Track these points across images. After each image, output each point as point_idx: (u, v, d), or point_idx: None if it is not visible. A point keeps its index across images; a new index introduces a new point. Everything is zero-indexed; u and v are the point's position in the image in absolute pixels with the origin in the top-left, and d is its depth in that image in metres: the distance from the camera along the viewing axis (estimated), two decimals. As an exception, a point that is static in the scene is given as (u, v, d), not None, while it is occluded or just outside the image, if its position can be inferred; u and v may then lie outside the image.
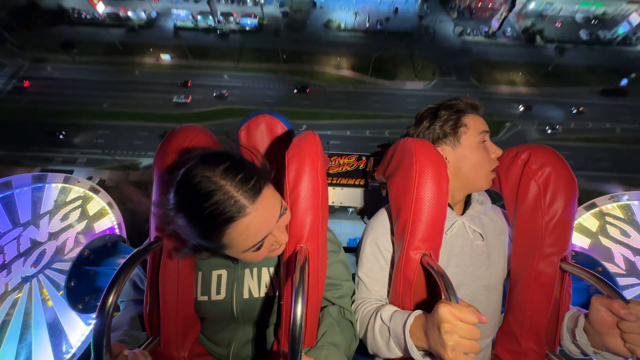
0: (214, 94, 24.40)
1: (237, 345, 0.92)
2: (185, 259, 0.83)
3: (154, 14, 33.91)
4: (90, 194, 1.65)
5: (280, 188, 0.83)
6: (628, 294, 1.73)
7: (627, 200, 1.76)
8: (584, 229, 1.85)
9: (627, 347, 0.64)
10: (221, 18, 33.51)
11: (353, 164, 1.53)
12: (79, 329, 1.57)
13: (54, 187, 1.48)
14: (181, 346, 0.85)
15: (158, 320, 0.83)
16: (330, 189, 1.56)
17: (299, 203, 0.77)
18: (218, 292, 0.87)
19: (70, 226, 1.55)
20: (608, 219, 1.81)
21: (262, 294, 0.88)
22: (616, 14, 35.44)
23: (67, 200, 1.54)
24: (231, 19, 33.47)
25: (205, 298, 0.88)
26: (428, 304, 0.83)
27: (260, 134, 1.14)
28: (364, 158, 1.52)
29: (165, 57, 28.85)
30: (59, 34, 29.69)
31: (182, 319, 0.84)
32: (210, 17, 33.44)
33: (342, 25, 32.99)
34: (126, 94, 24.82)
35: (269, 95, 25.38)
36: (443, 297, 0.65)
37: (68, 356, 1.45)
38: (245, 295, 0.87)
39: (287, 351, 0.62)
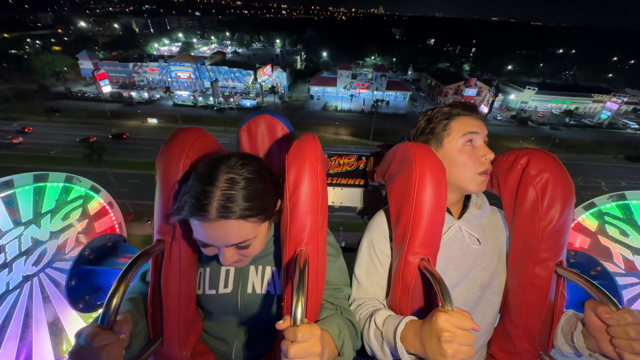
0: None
1: (238, 342, 0.93)
2: (187, 260, 0.85)
3: (157, 96, 36.71)
4: (92, 193, 1.65)
5: (280, 191, 0.84)
6: (627, 294, 1.73)
7: (626, 199, 1.76)
8: (583, 228, 1.85)
9: (617, 352, 0.65)
10: (222, 99, 36.26)
11: (353, 164, 1.53)
12: (79, 328, 1.57)
13: (55, 186, 1.48)
14: (184, 345, 0.86)
15: (161, 321, 0.84)
16: (330, 189, 1.56)
17: (298, 207, 0.77)
18: (226, 286, 0.90)
19: (71, 225, 1.55)
20: (607, 218, 1.81)
21: (264, 291, 0.91)
22: (587, 110, 41.63)
23: (68, 199, 1.54)
24: (231, 100, 36.29)
25: (213, 292, 0.90)
26: (425, 309, 0.84)
27: (260, 134, 1.14)
28: (364, 158, 1.53)
29: (153, 121, 29.37)
30: (51, 105, 30.82)
31: (184, 318, 0.85)
32: (211, 98, 36.14)
33: (339, 108, 37.59)
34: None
35: None
36: (440, 303, 0.65)
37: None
38: (249, 290, 0.90)
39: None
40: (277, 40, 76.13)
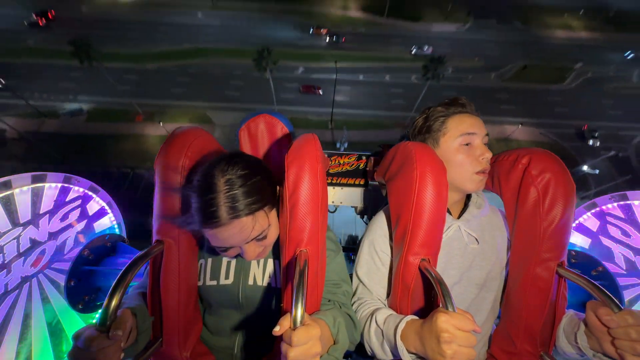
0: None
1: (241, 337, 0.93)
2: (186, 261, 0.84)
3: None
4: (90, 193, 1.65)
5: (280, 191, 0.84)
6: (628, 294, 1.73)
7: (628, 200, 1.75)
8: (585, 228, 1.85)
9: (618, 353, 0.65)
10: None
11: (353, 164, 1.52)
12: (79, 328, 1.57)
13: (53, 187, 1.47)
14: (183, 346, 0.86)
15: (160, 322, 0.84)
16: (330, 188, 1.56)
17: (298, 207, 0.77)
18: (227, 277, 0.90)
19: (70, 226, 1.55)
20: (608, 218, 1.81)
21: (265, 283, 0.91)
22: None
23: (66, 199, 1.54)
24: None
25: (214, 283, 0.91)
26: (426, 309, 0.84)
27: (260, 134, 1.14)
28: (364, 158, 1.52)
29: None
30: None
31: (183, 319, 0.85)
32: None
33: None
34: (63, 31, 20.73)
35: (255, 35, 21.31)
36: (440, 303, 0.65)
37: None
38: (250, 282, 0.90)
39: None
40: None
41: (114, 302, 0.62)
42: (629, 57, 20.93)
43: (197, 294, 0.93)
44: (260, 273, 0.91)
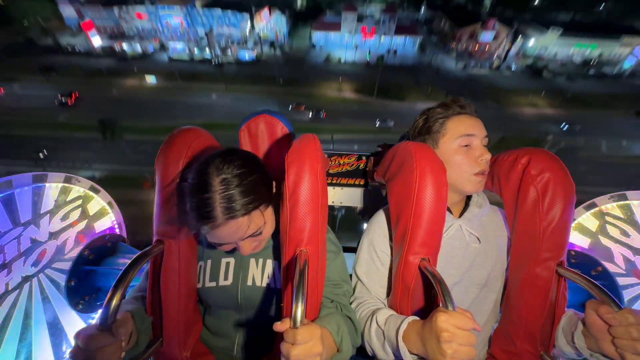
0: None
1: (241, 338, 0.93)
2: (186, 261, 0.84)
3: (150, 48, 34.27)
4: (91, 193, 1.65)
5: (280, 192, 0.84)
6: (628, 294, 1.73)
7: (627, 200, 1.76)
8: (584, 228, 1.85)
9: (618, 352, 0.65)
10: (219, 52, 33.70)
11: (353, 164, 1.53)
12: (79, 329, 1.57)
13: (54, 187, 1.47)
14: (183, 346, 0.86)
15: (160, 321, 0.84)
16: (330, 189, 1.56)
17: (298, 207, 0.77)
18: (226, 278, 0.90)
19: (70, 226, 1.55)
20: (608, 218, 1.81)
21: (264, 284, 0.91)
22: (612, 55, 36.06)
23: (67, 199, 1.54)
24: (229, 52, 33.90)
25: (213, 284, 0.91)
26: (426, 308, 0.84)
27: (260, 134, 1.14)
28: (364, 158, 1.52)
29: (150, 79, 28.22)
30: (44, 62, 29.46)
31: (184, 319, 0.85)
32: (207, 50, 33.55)
33: (343, 60, 33.72)
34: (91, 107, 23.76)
35: (252, 110, 25.37)
36: (440, 303, 0.65)
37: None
38: (249, 283, 0.90)
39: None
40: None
41: (114, 302, 0.62)
42: (564, 129, 24.16)
43: (197, 294, 0.94)
44: (259, 274, 0.91)
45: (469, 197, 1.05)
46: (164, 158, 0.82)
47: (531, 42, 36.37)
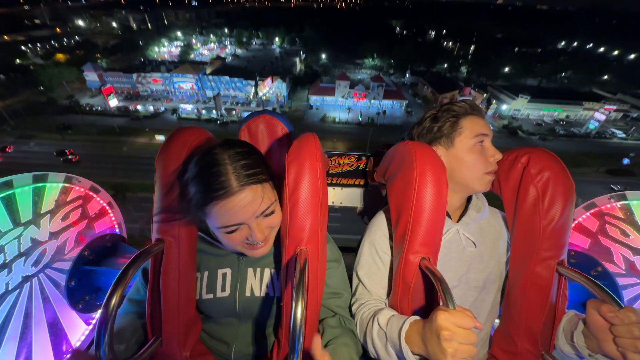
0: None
1: (238, 343, 0.93)
2: (187, 260, 0.84)
3: (162, 109, 38.36)
4: (91, 193, 1.65)
5: (280, 191, 0.84)
6: (627, 294, 1.73)
7: (627, 200, 1.75)
8: (584, 228, 1.85)
9: (620, 352, 0.65)
10: (224, 112, 37.73)
11: (353, 164, 1.53)
12: (79, 329, 1.57)
13: (55, 187, 1.47)
14: (183, 346, 0.86)
15: (160, 321, 0.84)
16: (330, 189, 1.56)
17: (298, 206, 0.77)
18: (223, 290, 0.90)
19: (70, 226, 1.54)
20: (607, 218, 1.80)
21: (263, 294, 0.90)
22: (577, 118, 42.24)
23: (67, 199, 1.53)
24: (234, 112, 37.74)
25: (210, 296, 0.90)
26: (426, 307, 0.84)
27: (261, 134, 1.14)
28: (364, 158, 1.52)
29: (160, 138, 30.15)
30: (62, 120, 31.86)
31: (183, 318, 0.85)
32: (214, 111, 37.70)
33: (337, 119, 39.36)
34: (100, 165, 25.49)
35: None
36: (441, 302, 0.65)
37: (68, 356, 1.46)
38: (247, 293, 0.90)
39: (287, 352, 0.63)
40: (276, 39, 76.83)
41: (114, 301, 0.62)
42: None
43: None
44: (258, 283, 0.90)
45: (468, 200, 1.05)
46: (165, 156, 0.82)
47: (504, 106, 42.35)
